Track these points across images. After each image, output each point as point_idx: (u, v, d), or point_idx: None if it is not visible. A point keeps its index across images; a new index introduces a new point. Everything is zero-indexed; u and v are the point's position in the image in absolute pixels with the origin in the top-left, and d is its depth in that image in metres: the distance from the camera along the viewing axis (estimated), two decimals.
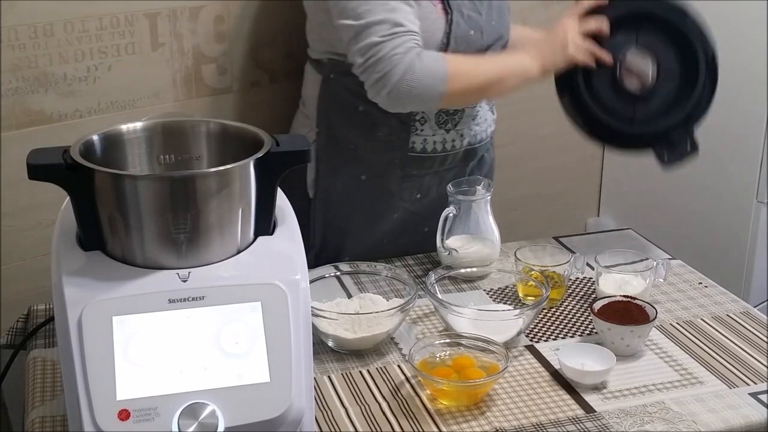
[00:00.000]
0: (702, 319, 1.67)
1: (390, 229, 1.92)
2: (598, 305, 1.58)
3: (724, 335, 1.62)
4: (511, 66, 1.76)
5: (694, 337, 1.61)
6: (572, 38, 1.76)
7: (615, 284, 1.66)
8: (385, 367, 1.52)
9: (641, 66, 1.80)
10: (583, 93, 1.80)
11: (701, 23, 1.81)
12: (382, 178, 1.87)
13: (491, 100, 1.93)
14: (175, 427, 1.10)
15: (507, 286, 1.76)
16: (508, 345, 1.56)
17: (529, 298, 1.69)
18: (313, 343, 1.23)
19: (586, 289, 1.77)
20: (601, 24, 1.77)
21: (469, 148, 1.90)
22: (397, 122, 1.81)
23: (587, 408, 1.41)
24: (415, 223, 1.92)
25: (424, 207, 1.91)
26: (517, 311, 1.58)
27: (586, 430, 1.36)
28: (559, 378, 1.48)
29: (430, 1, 1.73)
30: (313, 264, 1.92)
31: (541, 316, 1.67)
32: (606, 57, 1.76)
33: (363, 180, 1.87)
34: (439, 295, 1.60)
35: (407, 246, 1.91)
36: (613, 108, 1.80)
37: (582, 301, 1.72)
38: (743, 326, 1.64)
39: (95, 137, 1.25)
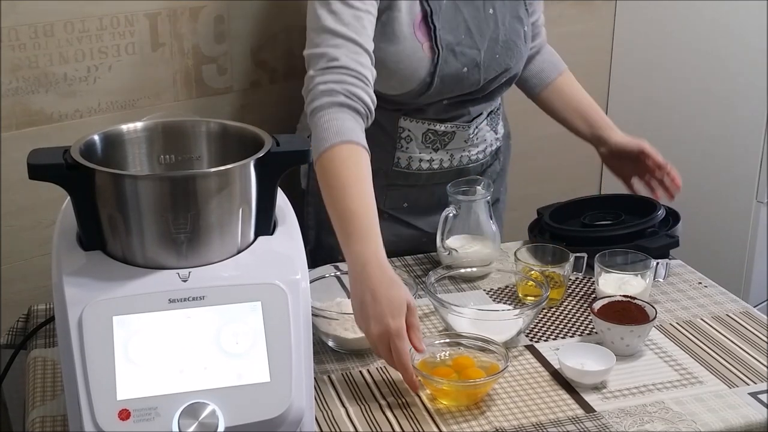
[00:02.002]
0: (702, 319, 1.67)
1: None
2: (597, 305, 1.58)
3: (723, 335, 1.62)
4: (352, 226, 1.47)
5: (694, 336, 1.61)
6: (383, 332, 1.39)
7: (615, 284, 1.66)
8: (385, 366, 1.52)
9: None
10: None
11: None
12: None
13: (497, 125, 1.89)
14: (175, 427, 1.10)
15: (507, 286, 1.76)
16: (508, 345, 1.56)
17: (528, 298, 1.69)
18: (313, 343, 1.23)
19: (585, 289, 1.77)
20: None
21: (462, 167, 1.88)
22: (383, 135, 1.80)
23: (587, 408, 1.41)
24: (404, 229, 1.91)
25: (411, 215, 1.90)
26: (517, 311, 1.58)
27: (585, 429, 1.36)
28: (558, 378, 1.49)
29: (417, 40, 1.69)
30: (308, 261, 1.92)
31: (541, 316, 1.67)
32: (409, 372, 1.39)
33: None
34: (439, 295, 1.60)
35: (400, 250, 1.89)
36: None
37: (582, 301, 1.72)
38: (743, 326, 1.64)
39: (95, 137, 1.25)
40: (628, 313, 1.55)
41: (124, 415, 1.10)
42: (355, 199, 1.49)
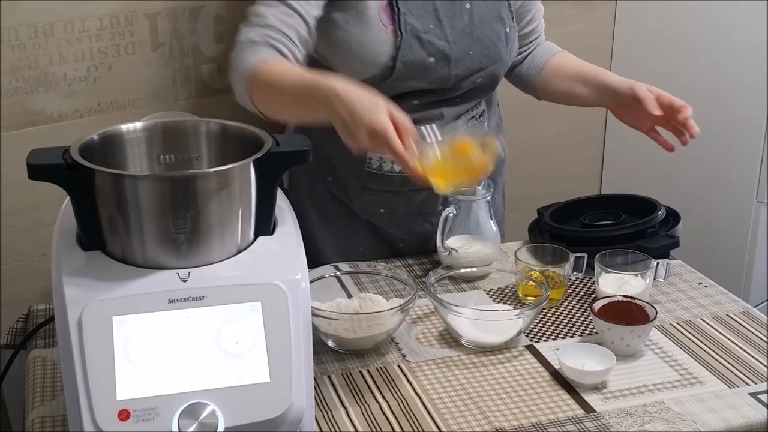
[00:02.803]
0: (702, 319, 1.67)
1: (361, 240, 1.87)
2: (598, 305, 1.58)
3: (724, 335, 1.62)
4: (305, 78, 1.46)
5: (694, 337, 1.61)
6: (375, 120, 1.34)
7: (615, 284, 1.66)
8: (385, 367, 1.52)
9: None
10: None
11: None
12: (344, 184, 1.83)
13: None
14: (175, 427, 1.10)
15: (507, 286, 1.76)
16: (508, 345, 1.56)
17: (529, 298, 1.69)
18: (313, 343, 1.23)
19: (586, 289, 1.77)
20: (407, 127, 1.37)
21: None
22: None
23: (587, 408, 1.41)
24: (383, 238, 1.88)
25: (391, 224, 1.86)
26: (517, 311, 1.58)
27: (586, 430, 1.36)
28: (559, 378, 1.49)
29: (381, 23, 1.68)
30: None
31: (541, 316, 1.67)
32: (411, 163, 1.35)
33: (329, 180, 1.84)
34: (439, 295, 1.60)
35: (375, 257, 1.85)
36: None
37: (582, 301, 1.72)
38: (743, 326, 1.64)
39: (95, 137, 1.25)
40: (629, 313, 1.55)
41: (124, 415, 1.10)
42: (297, 72, 1.50)
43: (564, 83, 1.91)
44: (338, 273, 1.71)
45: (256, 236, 1.25)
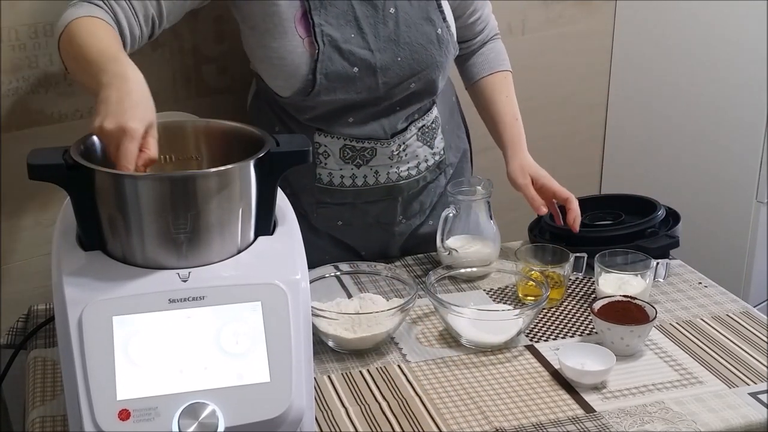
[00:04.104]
0: (702, 319, 1.67)
1: (325, 251, 1.84)
2: (597, 305, 1.58)
3: (723, 335, 1.62)
4: (104, 57, 1.35)
5: (694, 336, 1.61)
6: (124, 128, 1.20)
7: (615, 284, 1.66)
8: (385, 367, 1.52)
9: None
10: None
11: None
12: (299, 198, 1.80)
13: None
14: (175, 427, 1.11)
15: (507, 286, 1.76)
16: (508, 345, 1.56)
17: (529, 298, 1.69)
18: (313, 343, 1.23)
19: (585, 289, 1.77)
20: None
21: (391, 185, 1.78)
22: None
23: (587, 408, 1.41)
24: (345, 248, 1.87)
25: (351, 235, 1.85)
26: (517, 311, 1.58)
27: (585, 429, 1.36)
28: (559, 378, 1.49)
29: (298, 35, 1.63)
30: None
31: (541, 316, 1.67)
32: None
33: (288, 193, 1.74)
34: (439, 295, 1.61)
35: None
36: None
37: (582, 301, 1.72)
38: (743, 326, 1.64)
39: (95, 137, 1.25)
40: (628, 313, 1.55)
41: (124, 415, 1.10)
42: (108, 41, 1.40)
43: (483, 114, 1.92)
44: (338, 273, 1.71)
45: (256, 236, 1.25)
